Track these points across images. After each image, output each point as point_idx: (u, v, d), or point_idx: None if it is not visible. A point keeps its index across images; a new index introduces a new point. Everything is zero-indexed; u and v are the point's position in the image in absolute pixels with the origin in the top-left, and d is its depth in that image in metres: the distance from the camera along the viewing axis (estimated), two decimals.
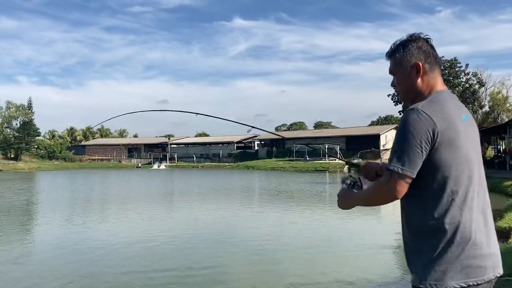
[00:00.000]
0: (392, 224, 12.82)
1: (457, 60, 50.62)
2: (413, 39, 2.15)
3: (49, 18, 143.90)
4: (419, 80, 2.11)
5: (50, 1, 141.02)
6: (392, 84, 2.25)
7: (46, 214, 15.89)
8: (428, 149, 1.90)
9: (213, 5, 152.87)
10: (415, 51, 2.11)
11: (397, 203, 2.06)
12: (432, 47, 2.15)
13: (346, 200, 2.29)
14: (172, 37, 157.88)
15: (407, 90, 2.16)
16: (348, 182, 2.37)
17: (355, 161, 2.62)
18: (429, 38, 2.16)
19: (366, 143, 56.54)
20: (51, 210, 16.90)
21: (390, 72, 2.23)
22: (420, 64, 2.09)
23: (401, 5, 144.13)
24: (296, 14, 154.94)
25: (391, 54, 2.20)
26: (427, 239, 1.94)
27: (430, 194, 1.94)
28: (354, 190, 2.34)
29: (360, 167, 2.48)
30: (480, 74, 51.55)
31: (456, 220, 1.91)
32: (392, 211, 16.79)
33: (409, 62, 2.11)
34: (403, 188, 1.93)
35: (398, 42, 2.18)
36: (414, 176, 1.91)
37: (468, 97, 48.69)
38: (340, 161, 54.83)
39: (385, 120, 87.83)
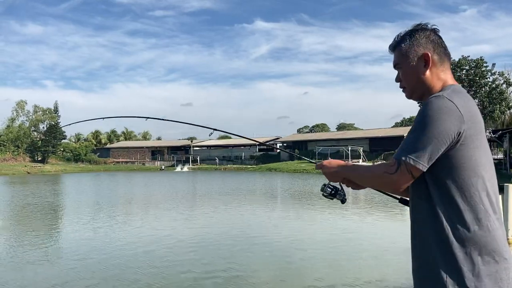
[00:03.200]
0: None
1: (483, 59, 49.66)
2: (419, 28, 1.95)
3: (73, 23, 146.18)
4: (427, 72, 1.89)
5: (74, 7, 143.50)
6: (397, 79, 2.02)
7: (74, 215, 16.16)
8: (450, 143, 1.69)
9: (234, 8, 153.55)
10: (423, 41, 1.91)
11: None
12: (440, 37, 1.94)
13: (338, 168, 2.03)
14: (194, 40, 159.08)
15: (415, 84, 1.93)
16: (329, 190, 2.16)
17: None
18: (437, 29, 1.95)
19: (390, 145, 55.82)
20: (79, 211, 17.18)
21: (395, 66, 2.00)
22: (429, 55, 1.88)
23: (424, 4, 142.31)
24: (316, 15, 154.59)
25: (396, 45, 1.99)
26: (446, 255, 1.70)
27: (458, 197, 1.71)
28: (335, 198, 2.16)
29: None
30: (508, 74, 50.44)
31: (489, 227, 1.71)
32: None
33: (416, 53, 1.90)
34: (408, 181, 1.74)
35: (403, 33, 1.98)
36: (424, 170, 1.70)
37: (496, 97, 47.66)
38: (364, 164, 54.48)
39: (410, 122, 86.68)
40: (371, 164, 1.82)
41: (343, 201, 2.20)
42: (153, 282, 7.21)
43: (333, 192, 2.16)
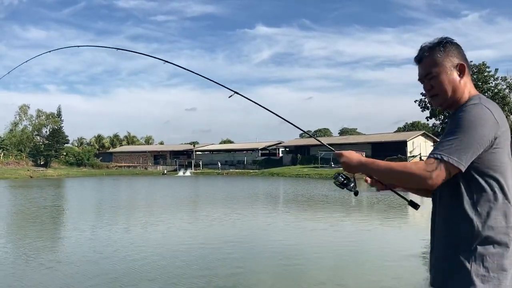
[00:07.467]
0: (419, 231, 12.59)
1: (485, 64, 49.68)
2: (447, 41, 2.03)
3: (75, 28, 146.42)
4: (462, 81, 2.01)
5: (76, 12, 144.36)
6: (426, 88, 2.07)
7: (77, 219, 16.17)
8: (485, 148, 1.82)
9: (236, 13, 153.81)
10: (455, 52, 2.02)
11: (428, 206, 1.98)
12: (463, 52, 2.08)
13: (357, 164, 2.04)
14: (196, 45, 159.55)
15: (449, 92, 2.00)
16: (341, 179, 2.23)
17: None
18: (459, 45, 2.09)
19: (392, 150, 55.76)
20: (82, 215, 17.20)
21: (425, 75, 2.04)
22: (465, 65, 2.01)
23: (426, 9, 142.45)
24: (318, 20, 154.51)
25: (425, 56, 2.03)
26: (477, 249, 1.82)
27: (483, 198, 1.84)
28: (346, 189, 2.22)
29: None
30: (510, 79, 50.44)
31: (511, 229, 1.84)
32: (419, 216, 16.48)
33: (452, 62, 2.00)
34: (445, 179, 1.81)
35: (431, 45, 2.04)
36: (462, 169, 1.80)
37: (498, 102, 47.57)
38: None
39: (412, 127, 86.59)
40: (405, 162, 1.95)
41: (356, 193, 2.26)
42: (154, 286, 7.22)
43: (345, 182, 2.23)
